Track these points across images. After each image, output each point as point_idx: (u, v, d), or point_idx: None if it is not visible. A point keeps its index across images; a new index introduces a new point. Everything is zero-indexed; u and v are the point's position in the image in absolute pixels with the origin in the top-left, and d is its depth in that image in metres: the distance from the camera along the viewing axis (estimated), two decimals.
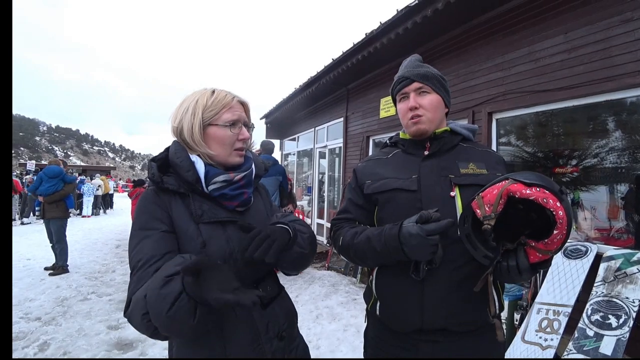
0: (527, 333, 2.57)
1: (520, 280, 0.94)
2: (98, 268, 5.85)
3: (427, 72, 1.20)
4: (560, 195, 0.87)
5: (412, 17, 3.77)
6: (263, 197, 1.20)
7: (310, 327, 3.53)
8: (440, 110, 1.22)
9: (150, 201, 0.97)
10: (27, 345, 3.14)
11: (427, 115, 1.18)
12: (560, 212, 0.85)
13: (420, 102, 1.18)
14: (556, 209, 0.85)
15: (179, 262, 0.80)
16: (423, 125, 1.18)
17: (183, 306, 0.73)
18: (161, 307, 0.74)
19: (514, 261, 0.93)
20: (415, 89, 1.19)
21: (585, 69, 2.73)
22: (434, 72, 1.22)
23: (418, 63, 1.26)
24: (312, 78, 6.62)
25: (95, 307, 4.08)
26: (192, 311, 0.75)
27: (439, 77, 1.23)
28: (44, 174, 5.52)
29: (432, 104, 1.19)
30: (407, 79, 1.21)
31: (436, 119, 1.20)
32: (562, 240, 0.87)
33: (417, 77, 1.19)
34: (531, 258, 0.92)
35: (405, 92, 1.21)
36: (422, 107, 1.18)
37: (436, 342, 1.10)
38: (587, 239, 2.89)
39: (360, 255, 1.14)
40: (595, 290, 2.47)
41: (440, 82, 1.22)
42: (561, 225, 0.85)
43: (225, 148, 1.03)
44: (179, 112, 1.03)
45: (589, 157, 2.98)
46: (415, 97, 1.19)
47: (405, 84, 1.21)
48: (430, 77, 1.20)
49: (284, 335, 1.04)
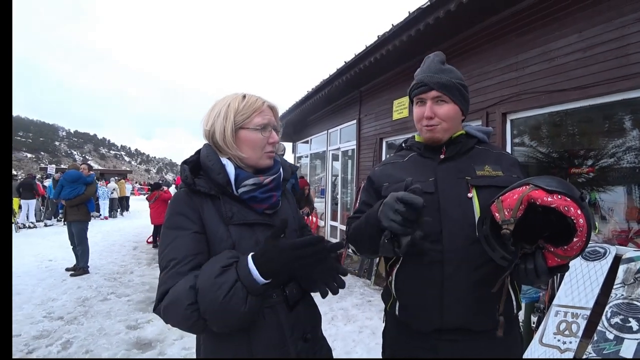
0: (544, 336, 2.54)
1: (538, 282, 0.94)
2: (117, 269, 6.00)
3: (447, 82, 1.17)
4: (581, 202, 0.86)
5: (424, 19, 3.76)
6: (290, 201, 1.22)
7: (325, 328, 3.52)
8: (457, 119, 1.21)
9: (182, 202, 1.00)
10: (50, 343, 3.25)
11: (442, 125, 1.18)
12: (581, 220, 0.84)
13: (437, 112, 1.17)
14: (577, 216, 0.84)
15: (232, 255, 0.90)
16: (437, 135, 1.19)
17: (237, 294, 0.83)
18: (217, 294, 0.82)
19: (532, 264, 0.92)
20: (433, 97, 1.17)
21: (600, 67, 2.69)
22: (454, 80, 1.19)
23: (440, 66, 1.22)
24: (325, 81, 6.65)
25: (114, 307, 4.19)
26: (245, 299, 0.83)
27: (459, 85, 1.20)
28: (64, 179, 5.70)
29: (449, 115, 1.18)
30: (426, 85, 1.18)
31: (451, 128, 1.20)
32: (582, 247, 0.87)
33: (436, 86, 1.16)
34: (549, 262, 0.91)
35: (423, 98, 1.20)
36: (438, 117, 1.17)
37: (455, 342, 1.11)
38: (606, 241, 2.84)
39: (361, 237, 1.12)
40: (614, 293, 2.43)
41: (460, 92, 1.20)
42: (581, 233, 0.85)
43: (256, 151, 1.05)
44: (211, 116, 1.06)
45: (606, 157, 2.93)
46: (431, 106, 1.17)
47: (423, 89, 1.19)
48: (450, 86, 1.17)
49: (309, 337, 1.06)
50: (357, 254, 1.30)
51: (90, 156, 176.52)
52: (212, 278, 0.84)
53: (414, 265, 1.16)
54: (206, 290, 0.83)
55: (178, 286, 0.86)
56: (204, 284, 0.84)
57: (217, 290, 0.82)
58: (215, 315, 0.83)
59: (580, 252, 0.88)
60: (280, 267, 0.87)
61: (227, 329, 0.89)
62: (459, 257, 1.08)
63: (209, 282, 0.83)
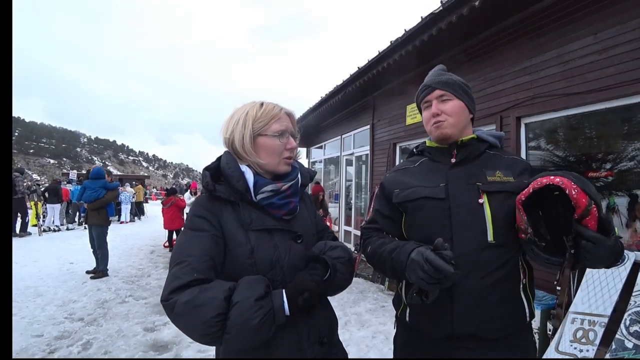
0: (561, 343, 2.49)
1: (608, 251, 0.91)
2: (135, 272, 6.13)
3: (448, 80, 1.23)
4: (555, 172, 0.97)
5: (437, 24, 3.76)
6: (308, 206, 1.24)
7: (338, 333, 3.55)
8: (464, 115, 1.23)
9: (203, 207, 1.03)
10: (71, 344, 3.34)
11: (449, 120, 1.20)
12: (557, 179, 0.93)
13: (442, 108, 1.21)
14: (553, 180, 0.94)
15: (266, 284, 0.94)
16: (446, 130, 1.20)
17: (269, 320, 0.88)
18: (254, 315, 0.85)
19: (582, 240, 0.92)
20: (437, 97, 1.22)
21: (617, 69, 2.64)
22: (455, 79, 1.24)
23: (441, 72, 1.28)
24: (339, 86, 6.70)
25: (132, 310, 4.28)
26: (272, 327, 0.89)
27: (461, 83, 1.24)
28: (88, 180, 5.89)
29: (454, 110, 1.21)
30: (429, 87, 1.24)
31: (459, 123, 1.21)
32: (581, 192, 0.91)
33: (438, 85, 1.22)
34: (591, 225, 0.92)
35: (428, 99, 1.25)
36: (444, 113, 1.20)
37: (467, 349, 1.11)
38: (625, 246, 2.77)
39: (381, 266, 1.17)
40: (634, 300, 2.36)
41: (463, 89, 1.24)
42: (564, 185, 0.92)
43: (274, 157, 1.08)
44: (230, 124, 1.09)
45: (624, 160, 2.86)
46: (437, 104, 1.21)
47: (427, 92, 1.25)
48: (452, 83, 1.22)
49: (325, 342, 1.07)
50: None
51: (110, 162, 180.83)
52: (253, 300, 0.86)
53: None
54: (244, 309, 0.85)
55: (210, 292, 0.87)
56: (244, 302, 0.86)
57: (255, 311, 0.85)
58: (243, 334, 0.85)
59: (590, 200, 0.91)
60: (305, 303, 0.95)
61: (243, 349, 0.91)
62: (469, 263, 1.08)
63: (249, 303, 0.86)
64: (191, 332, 0.87)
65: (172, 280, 0.90)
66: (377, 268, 1.21)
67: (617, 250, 0.94)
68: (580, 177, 0.95)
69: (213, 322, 0.84)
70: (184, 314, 0.85)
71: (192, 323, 0.85)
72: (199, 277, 0.90)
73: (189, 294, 0.86)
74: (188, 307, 0.85)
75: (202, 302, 0.85)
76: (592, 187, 0.94)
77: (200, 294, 0.86)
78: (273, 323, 0.89)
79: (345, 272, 1.08)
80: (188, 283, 0.89)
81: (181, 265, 0.92)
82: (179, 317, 0.86)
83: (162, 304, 0.90)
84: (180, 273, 0.91)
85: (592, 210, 0.91)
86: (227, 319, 0.85)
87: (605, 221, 0.93)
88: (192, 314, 0.84)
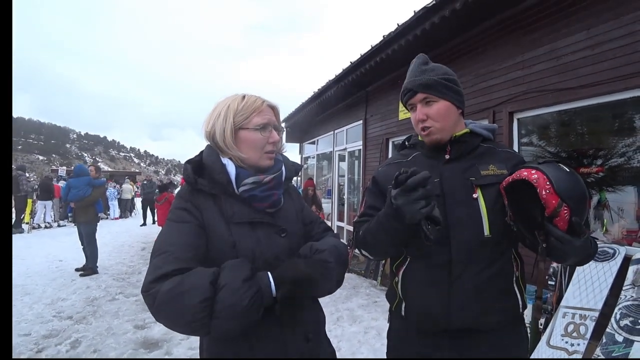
0: (552, 337, 2.51)
1: (575, 251, 0.95)
2: (125, 270, 6.06)
3: (429, 80, 1.15)
4: (536, 165, 1.00)
5: (430, 18, 3.75)
6: (294, 199, 1.21)
7: (330, 329, 3.54)
8: (451, 115, 1.18)
9: (185, 199, 1.02)
10: (59, 342, 3.29)
11: (435, 125, 1.16)
12: (534, 175, 0.96)
13: (428, 113, 1.16)
14: (529, 175, 0.97)
15: (251, 266, 0.92)
16: (435, 136, 1.18)
17: (258, 301, 0.86)
18: (243, 296, 0.83)
19: (551, 236, 0.96)
20: (421, 100, 1.17)
21: (609, 65, 2.65)
22: (437, 76, 1.16)
23: (422, 67, 1.21)
24: (331, 81, 6.66)
25: (122, 307, 4.23)
26: (260, 307, 0.87)
27: (443, 81, 1.16)
28: (72, 178, 5.79)
29: (440, 113, 1.15)
30: (410, 90, 1.19)
31: (447, 125, 1.18)
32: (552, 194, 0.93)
33: (419, 88, 1.16)
34: (560, 225, 0.94)
35: (412, 103, 1.20)
36: (430, 118, 1.16)
37: (462, 342, 1.11)
38: (615, 241, 2.79)
39: (375, 237, 1.13)
40: (624, 294, 2.39)
41: (445, 86, 1.16)
42: (537, 183, 0.95)
43: (256, 151, 1.05)
44: (211, 117, 1.07)
45: (615, 156, 2.88)
46: (421, 109, 1.17)
47: (409, 95, 1.19)
48: (433, 84, 1.15)
49: (311, 338, 1.06)
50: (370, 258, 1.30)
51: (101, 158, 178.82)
52: (240, 281, 0.85)
53: (421, 266, 1.17)
54: (233, 290, 0.83)
55: (193, 277, 0.84)
56: (231, 283, 0.84)
57: (245, 292, 0.84)
58: (233, 316, 0.83)
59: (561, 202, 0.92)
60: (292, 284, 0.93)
61: (231, 334, 0.88)
62: (466, 258, 1.09)
63: (237, 284, 0.84)
64: (176, 321, 0.84)
65: (154, 270, 0.88)
66: (377, 245, 1.16)
67: (585, 251, 0.97)
68: (566, 175, 0.96)
69: (200, 308, 0.80)
70: (168, 302, 0.82)
71: (177, 311, 0.82)
72: (182, 266, 0.88)
73: (171, 282, 0.84)
74: (171, 294, 0.82)
75: (187, 288, 0.82)
76: (576, 187, 0.95)
77: (184, 280, 0.83)
78: (261, 304, 0.87)
79: (332, 276, 1.03)
80: (170, 272, 0.86)
81: (163, 255, 0.90)
82: (162, 307, 0.83)
83: (143, 295, 0.87)
84: (162, 263, 0.88)
85: (561, 212, 0.92)
86: (215, 303, 0.82)
87: (575, 224, 0.93)
88: (177, 301, 0.81)
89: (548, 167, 0.97)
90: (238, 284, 0.84)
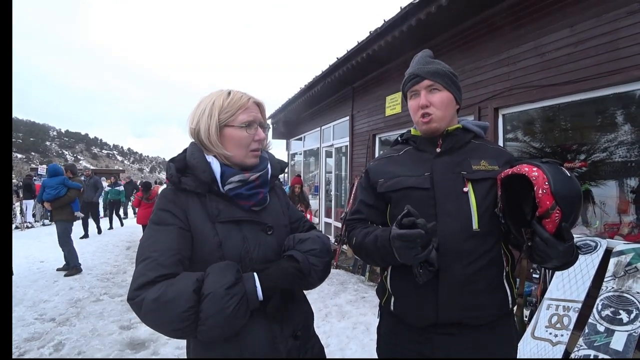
0: (537, 329, 2.57)
1: (558, 255, 0.95)
2: (110, 269, 5.94)
3: (437, 69, 1.19)
4: (539, 163, 0.98)
5: (416, 14, 3.75)
6: (280, 197, 1.20)
7: (319, 325, 3.54)
8: (451, 107, 1.22)
9: (168, 200, 0.99)
10: (42, 345, 3.21)
11: (437, 113, 1.18)
12: (534, 173, 0.95)
13: (431, 100, 1.18)
14: (529, 172, 0.96)
15: (237, 269, 0.91)
16: (434, 124, 1.19)
17: (243, 307, 0.87)
18: (228, 304, 0.84)
19: (537, 237, 0.96)
20: (426, 87, 1.19)
21: (592, 62, 2.70)
22: (445, 68, 1.21)
23: (429, 59, 1.25)
24: (317, 77, 6.63)
25: (107, 308, 4.15)
26: (246, 312, 0.88)
27: (450, 73, 1.21)
28: (46, 178, 5.66)
29: (443, 102, 1.18)
30: (417, 76, 1.20)
31: (447, 116, 1.20)
32: (548, 195, 0.92)
33: (427, 75, 1.18)
34: (549, 228, 0.94)
35: (416, 89, 1.21)
36: (433, 105, 1.18)
37: (451, 335, 1.12)
38: (597, 234, 2.86)
39: (370, 256, 1.16)
40: (605, 286, 2.45)
41: (452, 79, 1.21)
42: (536, 181, 0.94)
43: (242, 149, 1.04)
44: (196, 114, 1.04)
45: (598, 151, 2.94)
46: (425, 95, 1.18)
47: (416, 81, 1.20)
48: (442, 74, 1.19)
49: (299, 335, 1.05)
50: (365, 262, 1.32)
51: (82, 156, 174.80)
52: (224, 288, 0.84)
53: None
54: (217, 299, 0.83)
55: (177, 286, 0.84)
56: (215, 292, 0.84)
57: (228, 301, 0.84)
58: (218, 324, 0.84)
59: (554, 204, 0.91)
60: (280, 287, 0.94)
61: (218, 337, 0.89)
62: (454, 252, 1.09)
63: (220, 292, 0.84)
64: (162, 329, 0.85)
65: (138, 277, 0.87)
66: (367, 260, 1.21)
67: (567, 257, 0.97)
68: (566, 179, 0.95)
69: (184, 317, 0.82)
70: (153, 311, 0.83)
71: (162, 320, 0.83)
72: (165, 272, 0.87)
73: (155, 290, 0.84)
74: (157, 304, 0.82)
75: (170, 297, 0.82)
76: (573, 193, 0.94)
77: (168, 289, 0.84)
78: (247, 308, 0.88)
79: (319, 264, 1.04)
80: (154, 279, 0.86)
81: (146, 262, 0.89)
82: (147, 315, 0.84)
83: (129, 303, 0.87)
84: (146, 270, 0.87)
85: (552, 214, 0.92)
86: (199, 312, 0.83)
87: (564, 230, 0.94)
88: (162, 310, 0.82)
89: (549, 167, 0.96)
90: (222, 292, 0.84)
